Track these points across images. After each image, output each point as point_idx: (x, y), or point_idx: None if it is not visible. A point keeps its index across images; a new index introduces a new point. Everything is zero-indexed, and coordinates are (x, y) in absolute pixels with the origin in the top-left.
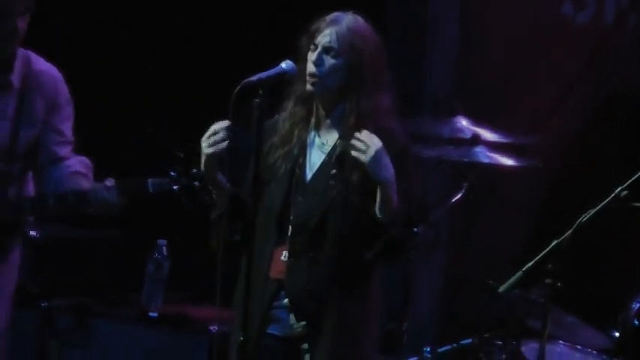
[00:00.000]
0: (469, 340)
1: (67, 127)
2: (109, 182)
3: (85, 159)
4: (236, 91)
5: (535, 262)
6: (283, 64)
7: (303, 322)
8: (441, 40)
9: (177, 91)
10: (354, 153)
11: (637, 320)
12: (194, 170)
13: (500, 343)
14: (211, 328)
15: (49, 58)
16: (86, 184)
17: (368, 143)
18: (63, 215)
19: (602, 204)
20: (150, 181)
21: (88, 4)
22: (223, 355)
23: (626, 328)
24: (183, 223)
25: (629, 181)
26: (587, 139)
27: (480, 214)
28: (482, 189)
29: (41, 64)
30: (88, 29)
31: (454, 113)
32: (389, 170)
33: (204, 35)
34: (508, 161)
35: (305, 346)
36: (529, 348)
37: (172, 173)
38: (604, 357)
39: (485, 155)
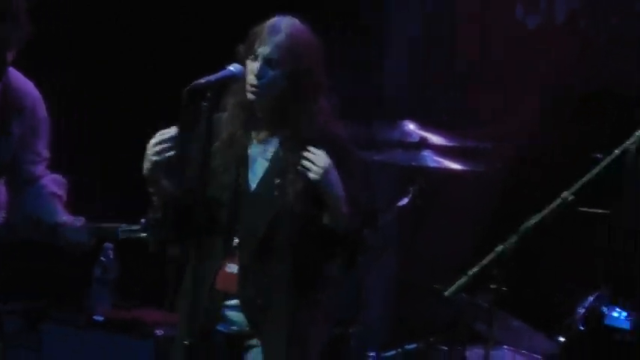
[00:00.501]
0: (414, 345)
1: (43, 146)
2: (79, 221)
3: (59, 177)
4: (184, 93)
5: (480, 266)
6: (231, 67)
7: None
8: (394, 44)
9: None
10: (300, 169)
11: (582, 325)
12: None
13: (445, 348)
14: (157, 331)
15: None
16: (59, 212)
17: (316, 161)
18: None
19: (547, 209)
20: (120, 229)
21: None
22: (167, 358)
23: (571, 333)
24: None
25: (576, 186)
26: (535, 143)
27: (428, 218)
28: (430, 193)
29: (20, 81)
30: None
31: (402, 116)
32: (338, 186)
33: (152, 39)
34: (455, 165)
35: (252, 342)
36: (474, 353)
37: (142, 221)
38: None
39: (432, 159)
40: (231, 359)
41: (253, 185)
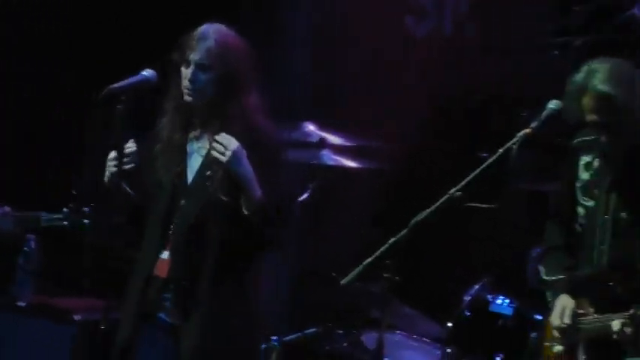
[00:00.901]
0: (314, 330)
1: None
2: (4, 210)
3: None
4: (101, 96)
5: (374, 257)
6: (145, 72)
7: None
8: (294, 49)
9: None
10: (213, 154)
11: (468, 311)
12: (85, 209)
13: (342, 332)
14: (76, 317)
15: None
16: None
17: (225, 144)
18: None
19: (436, 204)
20: (43, 216)
21: None
22: (86, 342)
23: (458, 319)
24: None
25: (463, 183)
26: (426, 143)
27: (327, 212)
28: (329, 189)
29: None
30: None
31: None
32: (247, 168)
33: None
34: (352, 163)
35: None
36: (369, 337)
37: (65, 209)
38: (438, 346)
39: (330, 158)
40: (175, 346)
41: (190, 179)
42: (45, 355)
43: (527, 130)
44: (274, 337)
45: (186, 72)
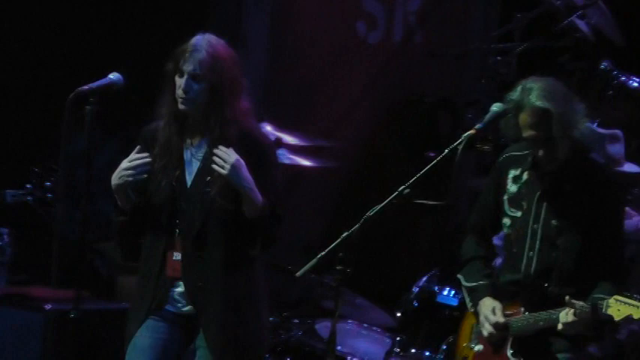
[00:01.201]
0: (271, 319)
1: None
2: None
3: None
4: (70, 98)
5: (328, 250)
6: (111, 76)
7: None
8: (252, 54)
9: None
10: (214, 167)
11: (416, 302)
12: (47, 183)
13: (297, 321)
14: (46, 306)
15: None
16: None
17: (225, 158)
18: None
19: (387, 200)
20: (8, 192)
21: None
22: (57, 330)
23: (407, 309)
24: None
25: (411, 180)
26: (377, 143)
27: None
28: (285, 187)
29: None
30: None
31: (260, 119)
32: (247, 178)
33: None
34: (307, 162)
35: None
36: (322, 326)
37: (28, 186)
38: (388, 334)
39: (286, 157)
40: (179, 336)
41: (189, 182)
42: (17, 343)
43: (472, 131)
44: None
45: (180, 81)
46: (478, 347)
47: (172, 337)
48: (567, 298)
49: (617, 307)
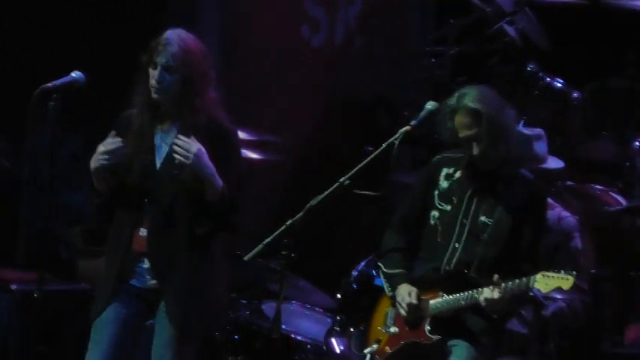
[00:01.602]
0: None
1: None
2: None
3: None
4: (35, 94)
5: (274, 237)
6: (73, 74)
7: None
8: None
9: None
10: (177, 157)
11: (355, 284)
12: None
13: (245, 302)
14: (13, 286)
15: None
16: None
17: (187, 148)
18: None
19: (328, 190)
20: None
21: None
22: (22, 308)
23: (346, 291)
24: None
25: (351, 173)
26: (320, 138)
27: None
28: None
29: None
30: None
31: None
32: (209, 165)
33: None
34: (255, 155)
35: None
36: (268, 306)
37: None
38: (328, 314)
39: None
40: (141, 310)
41: (158, 165)
42: None
43: (408, 128)
44: None
45: (154, 73)
46: (393, 329)
47: (135, 311)
48: (496, 276)
49: (545, 282)
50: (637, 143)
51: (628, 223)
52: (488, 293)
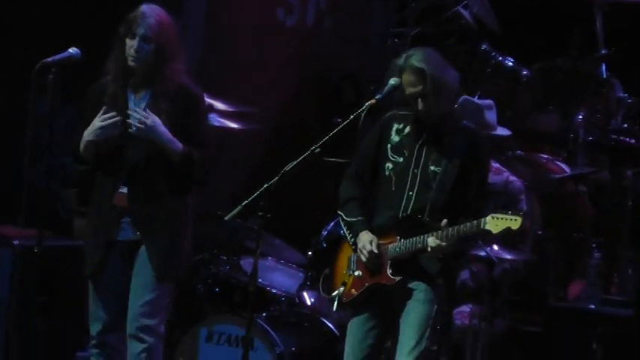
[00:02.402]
0: (200, 256)
1: None
2: None
3: None
4: (36, 68)
5: (251, 199)
6: (71, 50)
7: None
8: (190, 30)
9: None
10: (134, 129)
11: (325, 243)
12: None
13: (224, 257)
14: (15, 242)
15: None
16: None
17: (143, 120)
18: None
19: (301, 157)
20: None
21: None
22: (23, 262)
23: (317, 249)
24: None
25: (321, 141)
26: (293, 110)
27: (214, 163)
28: (216, 145)
29: None
30: None
31: None
32: (164, 133)
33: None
34: (234, 125)
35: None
36: (246, 262)
37: None
38: (301, 269)
39: (216, 120)
40: (127, 260)
41: (134, 128)
42: None
43: (372, 101)
44: None
45: (132, 42)
46: (357, 272)
47: (124, 266)
48: (444, 221)
49: (495, 223)
50: (579, 117)
51: (571, 189)
52: (433, 242)
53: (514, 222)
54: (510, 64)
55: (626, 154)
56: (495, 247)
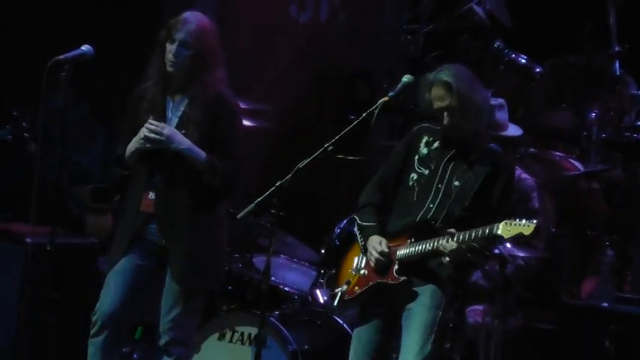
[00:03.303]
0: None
1: None
2: None
3: None
4: (49, 65)
5: (264, 196)
6: (83, 47)
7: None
8: None
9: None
10: (150, 136)
11: (337, 241)
12: (24, 125)
13: (237, 255)
14: (27, 239)
15: None
16: None
17: (158, 131)
18: None
19: (314, 155)
20: None
21: None
22: (35, 260)
23: (330, 247)
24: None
25: (334, 139)
26: (306, 107)
27: (239, 177)
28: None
29: None
30: None
31: None
32: (184, 141)
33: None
34: (247, 122)
35: None
36: (259, 260)
37: (7, 126)
38: (313, 267)
39: None
40: (154, 264)
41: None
42: (2, 271)
43: (386, 98)
44: None
45: (171, 47)
46: (363, 271)
47: (147, 264)
48: (452, 230)
49: (507, 229)
50: (593, 114)
51: (584, 186)
52: (444, 244)
53: (527, 228)
54: (523, 61)
55: (639, 151)
56: (508, 244)
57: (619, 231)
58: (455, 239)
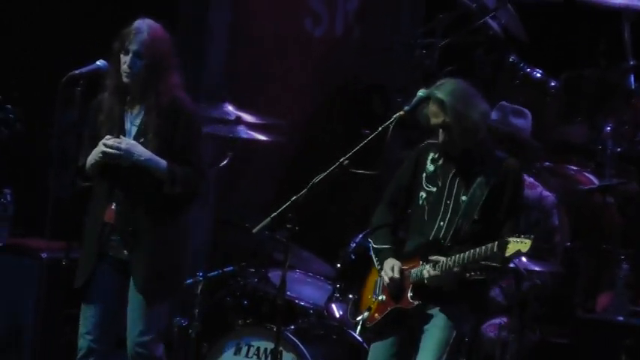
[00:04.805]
0: (231, 268)
1: None
2: None
3: None
4: (63, 80)
5: (279, 211)
6: (98, 62)
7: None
8: (215, 41)
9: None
10: (110, 158)
11: (353, 255)
12: (8, 106)
13: (252, 270)
14: (43, 255)
15: None
16: None
17: (117, 145)
18: None
19: (329, 169)
20: None
21: None
22: (50, 275)
23: (345, 261)
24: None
25: (349, 153)
26: (321, 121)
27: (243, 175)
28: (244, 157)
29: None
30: None
31: (223, 99)
32: (144, 154)
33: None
34: (262, 137)
35: None
36: (274, 274)
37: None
38: (329, 282)
39: (245, 132)
40: (120, 280)
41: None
42: (18, 286)
43: (401, 113)
44: (199, 273)
45: (125, 59)
46: (381, 297)
47: (116, 286)
48: (435, 257)
49: (504, 248)
50: (608, 128)
51: (599, 200)
52: (426, 272)
53: (524, 245)
54: (538, 75)
55: None
56: (524, 259)
57: (634, 245)
58: (438, 268)
